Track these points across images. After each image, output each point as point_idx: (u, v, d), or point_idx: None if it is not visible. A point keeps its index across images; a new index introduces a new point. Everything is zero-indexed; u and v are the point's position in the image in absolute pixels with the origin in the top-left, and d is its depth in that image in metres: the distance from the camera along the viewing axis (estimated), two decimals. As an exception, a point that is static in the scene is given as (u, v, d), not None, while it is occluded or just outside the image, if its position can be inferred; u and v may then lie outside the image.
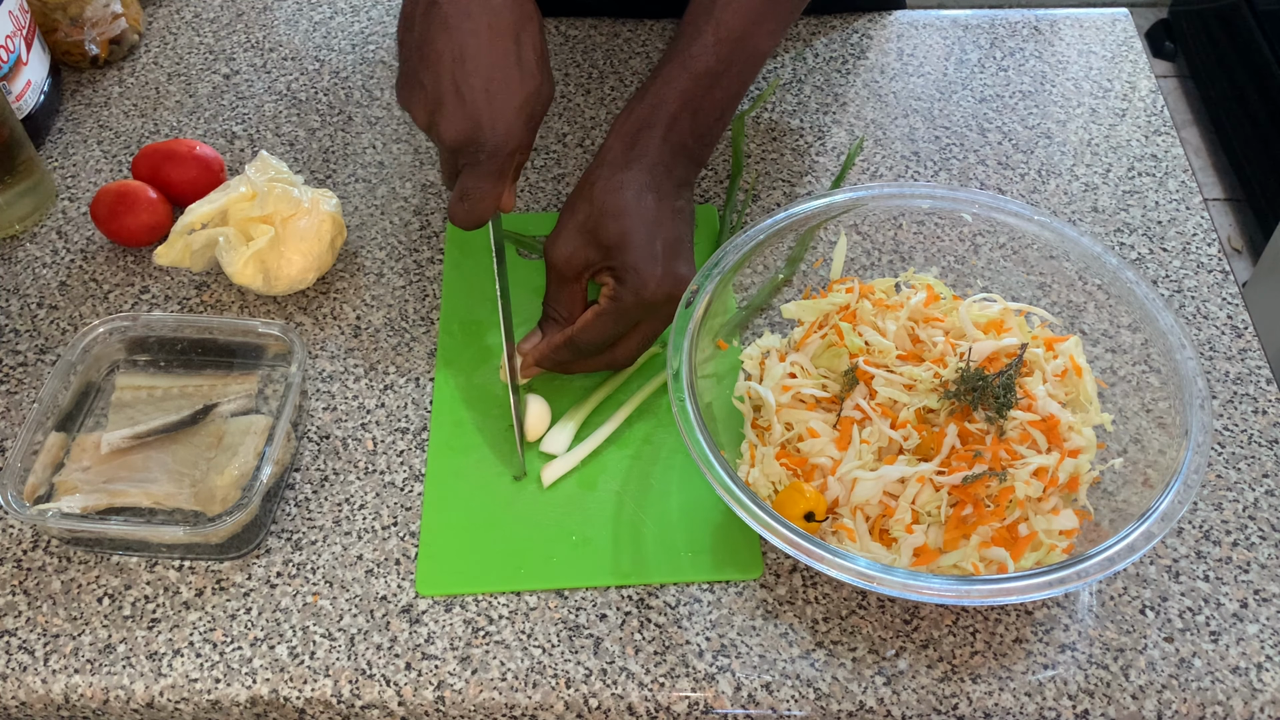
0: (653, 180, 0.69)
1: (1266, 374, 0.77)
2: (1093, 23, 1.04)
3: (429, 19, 0.65)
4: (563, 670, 0.63)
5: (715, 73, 0.70)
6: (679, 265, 0.69)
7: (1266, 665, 0.64)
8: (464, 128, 0.65)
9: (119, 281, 0.83)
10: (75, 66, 0.99)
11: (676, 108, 0.70)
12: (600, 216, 0.69)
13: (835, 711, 0.62)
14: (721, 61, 0.70)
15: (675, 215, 0.70)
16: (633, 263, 0.68)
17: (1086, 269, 0.72)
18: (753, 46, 0.72)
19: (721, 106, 0.72)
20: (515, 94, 0.65)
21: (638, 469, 0.72)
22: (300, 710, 0.63)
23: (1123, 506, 0.64)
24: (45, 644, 0.65)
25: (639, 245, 0.68)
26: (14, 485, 0.65)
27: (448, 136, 0.66)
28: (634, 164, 0.70)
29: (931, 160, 0.91)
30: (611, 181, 0.69)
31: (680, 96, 0.70)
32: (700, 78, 0.70)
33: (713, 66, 0.70)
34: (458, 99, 0.65)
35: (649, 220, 0.69)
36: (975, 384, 0.65)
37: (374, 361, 0.78)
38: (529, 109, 0.67)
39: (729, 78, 0.71)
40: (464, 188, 0.68)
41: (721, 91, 0.71)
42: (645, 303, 0.68)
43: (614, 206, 0.69)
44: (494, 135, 0.65)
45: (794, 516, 0.64)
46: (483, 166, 0.67)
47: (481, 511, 0.70)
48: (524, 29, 0.66)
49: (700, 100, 0.70)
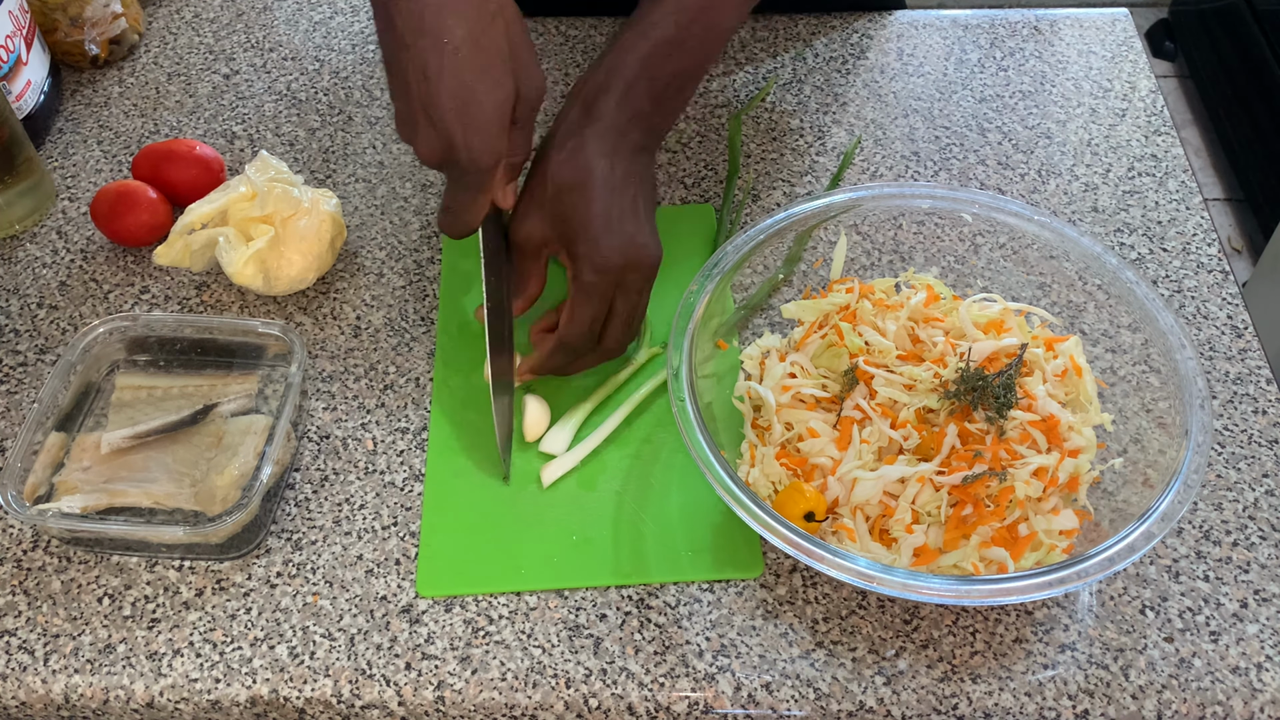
0: (607, 145, 0.69)
1: (1266, 374, 0.77)
2: (1093, 23, 1.04)
3: (390, 40, 0.63)
4: (563, 670, 0.63)
5: (674, 40, 0.70)
6: (634, 232, 0.68)
7: (1266, 665, 0.64)
8: (437, 148, 0.64)
9: (119, 281, 0.83)
10: (75, 66, 0.99)
11: (634, 74, 0.70)
12: (555, 190, 0.69)
13: (835, 711, 0.62)
14: (680, 29, 0.71)
15: (628, 181, 0.70)
16: (586, 236, 0.68)
17: (1086, 269, 0.72)
18: (713, 18, 0.72)
19: (681, 76, 0.72)
20: (485, 106, 0.63)
21: (638, 469, 0.72)
22: (300, 710, 0.63)
23: (1123, 506, 0.64)
24: (45, 644, 0.65)
25: (591, 218, 0.68)
26: (14, 485, 0.65)
27: (425, 158, 0.65)
28: (588, 128, 0.70)
29: (931, 160, 0.91)
30: (565, 152, 0.69)
31: (638, 63, 0.70)
32: (659, 45, 0.70)
33: (671, 34, 0.70)
34: (428, 120, 0.63)
35: (602, 190, 0.68)
36: (975, 384, 0.65)
37: (374, 361, 0.78)
38: (502, 117, 0.64)
39: (688, 48, 0.71)
40: (447, 202, 0.68)
41: (680, 61, 0.71)
42: (606, 275, 0.68)
43: (567, 179, 0.69)
44: (468, 152, 0.64)
45: (794, 516, 0.64)
46: (463, 182, 0.66)
47: (481, 512, 0.70)
48: (486, 33, 0.63)
49: (658, 67, 0.70)
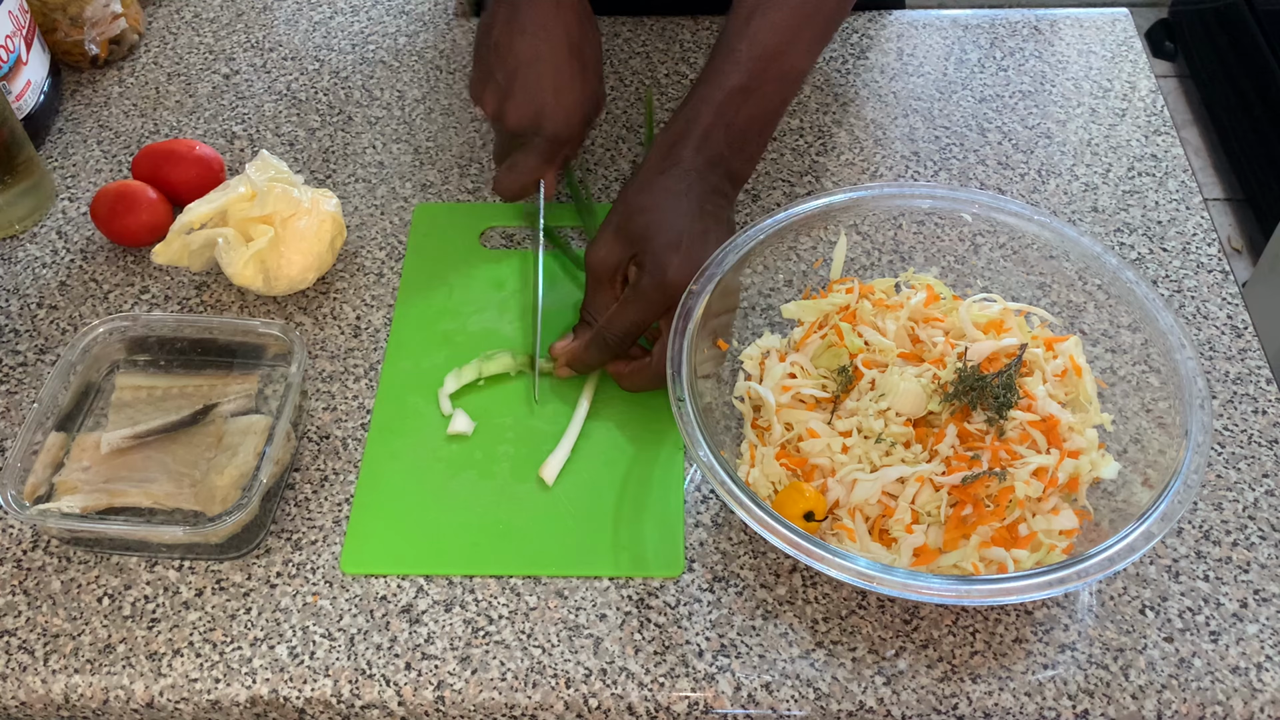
0: (684, 186, 0.72)
1: (1266, 374, 0.77)
2: (1093, 23, 1.04)
3: (510, 27, 0.76)
4: (563, 670, 0.63)
5: (748, 89, 0.72)
6: (701, 259, 0.70)
7: (1266, 665, 0.64)
8: (528, 113, 0.76)
9: (119, 281, 0.83)
10: (75, 66, 0.99)
11: (710, 122, 0.72)
12: (630, 213, 0.72)
13: (835, 711, 0.62)
14: (754, 78, 0.72)
15: (702, 215, 0.72)
16: (654, 249, 0.70)
17: (1086, 269, 0.72)
18: (787, 64, 0.74)
19: (757, 121, 0.74)
20: (576, 94, 0.77)
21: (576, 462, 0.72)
22: (300, 710, 0.63)
23: (1123, 506, 0.64)
24: (45, 644, 0.65)
25: (662, 234, 0.71)
26: (14, 485, 0.65)
27: (512, 120, 0.77)
28: (668, 171, 0.73)
29: (931, 160, 0.91)
30: (643, 184, 0.73)
31: (713, 111, 0.72)
32: (733, 93, 0.72)
33: (745, 82, 0.72)
34: (526, 91, 0.75)
35: (675, 214, 0.71)
36: (974, 384, 0.65)
37: (374, 361, 0.78)
38: (585, 109, 0.78)
39: (762, 94, 0.73)
40: (515, 160, 0.78)
41: (754, 107, 0.73)
42: (665, 289, 0.70)
43: (643, 203, 0.72)
44: (553, 123, 0.76)
45: (794, 516, 0.64)
46: (536, 147, 0.77)
47: (412, 494, 0.71)
48: (587, 44, 0.77)
49: (734, 114, 0.72)
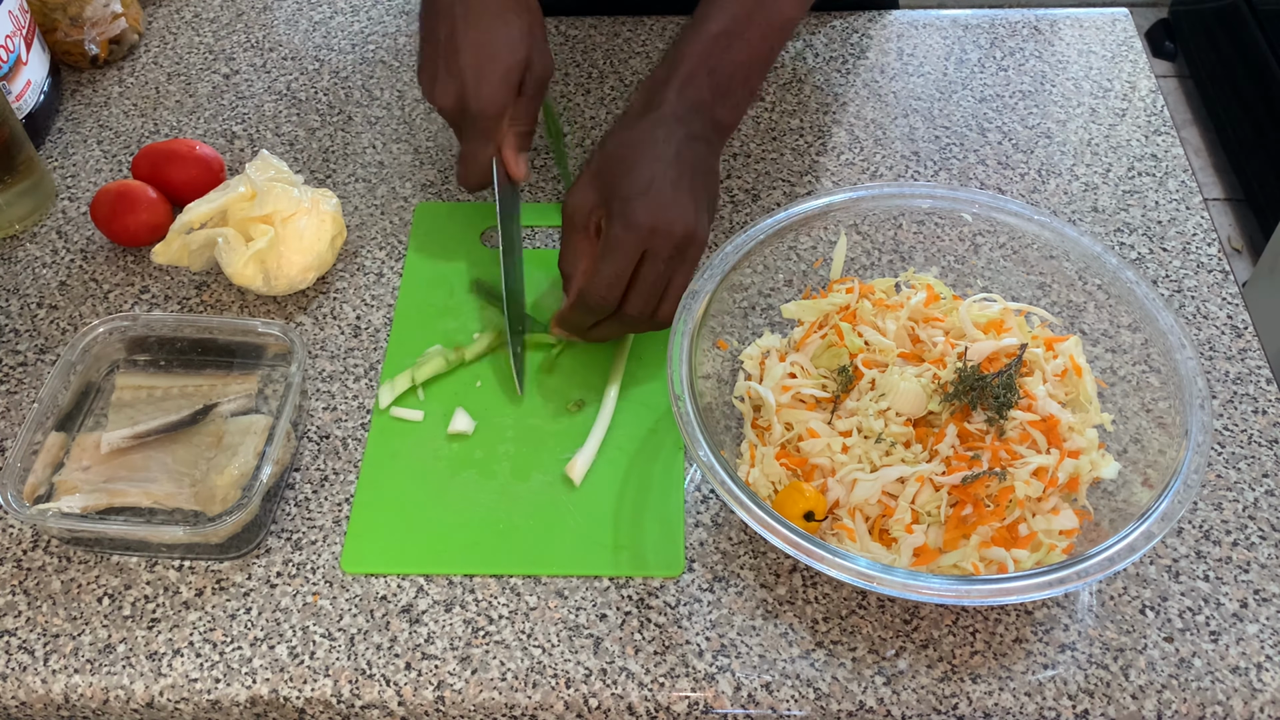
0: (663, 132, 0.71)
1: (1266, 374, 0.77)
2: (1093, 23, 1.04)
3: (432, 7, 0.76)
4: (563, 670, 0.63)
5: (731, 32, 0.72)
6: (672, 200, 0.69)
7: (1266, 665, 0.64)
8: (452, 93, 0.75)
9: (119, 281, 0.83)
10: (75, 66, 0.99)
11: (693, 65, 0.71)
12: (605, 160, 0.71)
13: (835, 711, 0.62)
14: (738, 21, 0.72)
15: (679, 160, 0.70)
16: (621, 194, 0.69)
17: (1086, 269, 0.72)
18: (774, 9, 0.73)
19: (744, 67, 0.73)
20: (499, 65, 0.74)
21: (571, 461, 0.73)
22: (300, 710, 0.63)
23: (1123, 506, 0.64)
24: (45, 644, 0.65)
25: (631, 180, 0.69)
26: (14, 485, 0.65)
27: (440, 102, 0.76)
28: (647, 115, 0.71)
29: (931, 160, 0.91)
30: (621, 133, 0.72)
31: (696, 54, 0.71)
32: (717, 37, 0.71)
33: (728, 26, 0.72)
34: (448, 71, 0.74)
35: (648, 160, 0.70)
36: (974, 384, 0.65)
37: (374, 361, 0.78)
38: (512, 77, 0.75)
39: (747, 39, 0.72)
40: (462, 153, 0.77)
41: (739, 52, 0.72)
42: (632, 233, 0.68)
43: (618, 150, 0.71)
44: (478, 101, 0.74)
45: (794, 516, 0.64)
46: (473, 129, 0.76)
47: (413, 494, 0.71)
48: (511, 12, 0.75)
49: (718, 59, 0.71)
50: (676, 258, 0.69)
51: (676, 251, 0.69)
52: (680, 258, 0.69)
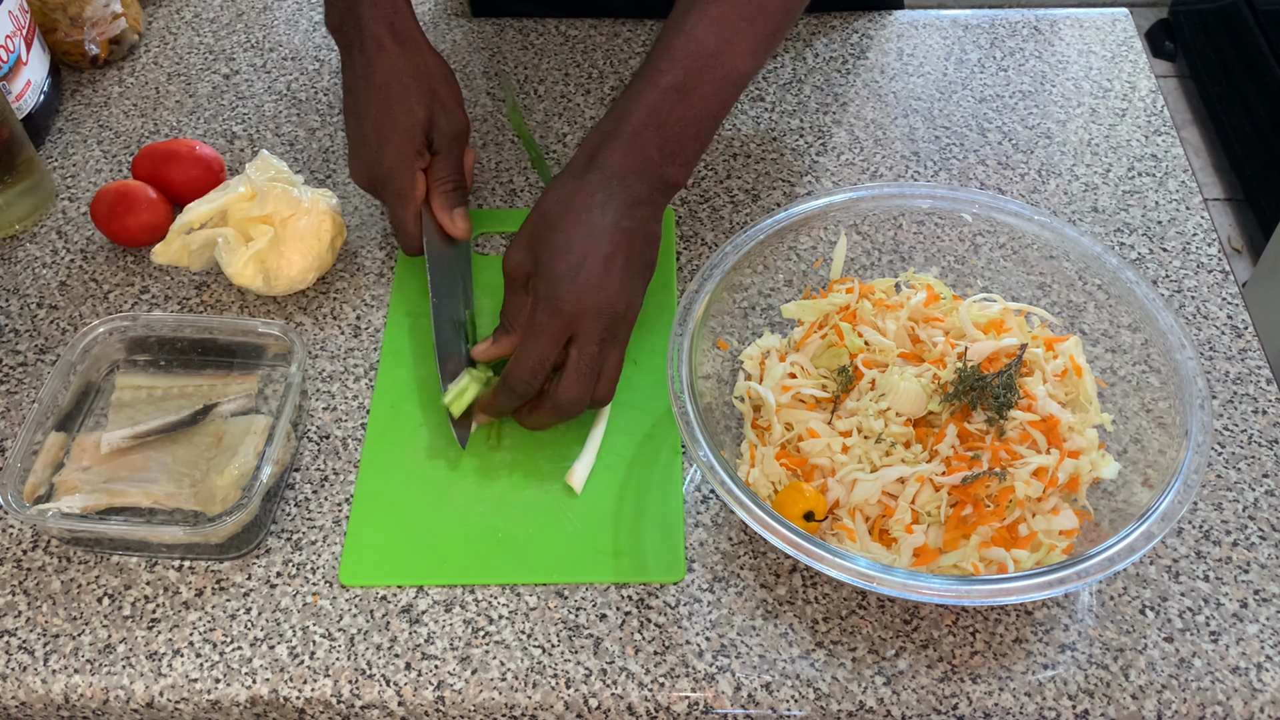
0: (602, 194, 0.68)
1: (1266, 374, 0.77)
2: (1093, 23, 1.04)
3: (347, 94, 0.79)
4: (563, 670, 0.63)
5: (683, 87, 0.68)
6: (601, 282, 0.66)
7: (1266, 665, 0.64)
8: (362, 163, 0.78)
9: (119, 281, 0.83)
10: (75, 66, 0.99)
11: (641, 120, 0.68)
12: (540, 225, 0.68)
13: (835, 711, 0.62)
14: (690, 76, 0.68)
15: (615, 231, 0.68)
16: (550, 275, 0.66)
17: (1086, 269, 0.72)
18: (726, 64, 0.69)
19: (695, 124, 0.69)
20: (398, 126, 0.76)
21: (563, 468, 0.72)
22: (300, 710, 0.63)
23: (1123, 506, 0.64)
24: (45, 644, 0.65)
25: (561, 258, 0.67)
26: (14, 485, 0.65)
27: (355, 177, 0.80)
28: (589, 174, 0.68)
29: (931, 160, 0.91)
30: (561, 191, 0.69)
31: (645, 109, 0.68)
32: (667, 92, 0.68)
33: (680, 81, 0.68)
34: (357, 144, 0.78)
35: (583, 233, 0.67)
36: (974, 384, 0.65)
37: (374, 361, 0.78)
38: (415, 136, 0.77)
39: (699, 95, 0.69)
40: (389, 222, 0.80)
41: (691, 108, 0.69)
42: (556, 319, 0.66)
43: (553, 216, 0.68)
44: (380, 165, 0.77)
45: (794, 516, 0.64)
46: (388, 194, 0.78)
47: (411, 504, 0.70)
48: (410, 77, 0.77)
49: (666, 115, 0.68)
50: (609, 339, 0.68)
51: (607, 333, 0.67)
52: (612, 338, 0.68)
